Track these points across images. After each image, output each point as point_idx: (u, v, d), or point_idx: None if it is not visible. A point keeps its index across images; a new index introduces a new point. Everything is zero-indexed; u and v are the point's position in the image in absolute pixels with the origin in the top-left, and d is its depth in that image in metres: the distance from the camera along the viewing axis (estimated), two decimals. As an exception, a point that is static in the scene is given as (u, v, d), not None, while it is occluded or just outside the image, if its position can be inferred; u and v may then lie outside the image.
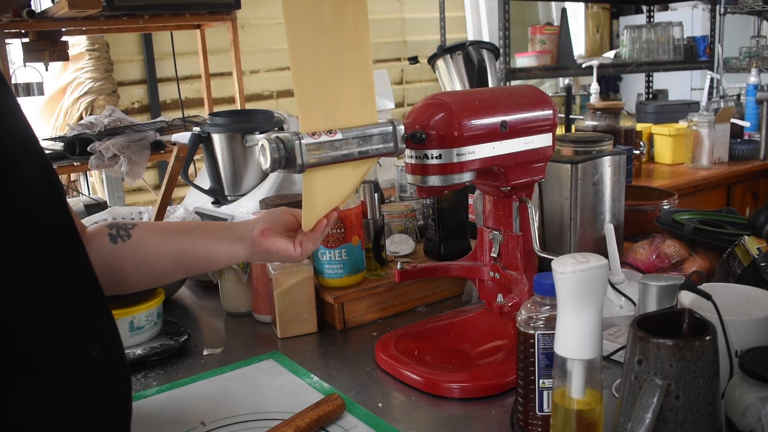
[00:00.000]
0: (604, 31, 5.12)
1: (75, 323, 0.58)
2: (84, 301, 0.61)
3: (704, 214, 1.30)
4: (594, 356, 0.63)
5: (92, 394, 0.59)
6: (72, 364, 0.57)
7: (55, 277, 0.58)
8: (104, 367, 0.61)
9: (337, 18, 0.77)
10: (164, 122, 2.33)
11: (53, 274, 0.58)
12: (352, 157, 0.81)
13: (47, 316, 0.56)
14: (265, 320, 1.14)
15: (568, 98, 2.53)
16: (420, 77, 4.37)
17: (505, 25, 2.85)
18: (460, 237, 1.27)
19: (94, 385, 0.59)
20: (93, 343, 0.60)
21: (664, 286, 0.73)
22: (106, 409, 0.61)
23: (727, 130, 2.55)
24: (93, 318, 0.61)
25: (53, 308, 0.57)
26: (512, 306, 0.88)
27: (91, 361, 0.60)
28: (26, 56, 2.38)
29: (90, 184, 2.95)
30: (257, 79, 3.75)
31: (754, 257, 0.98)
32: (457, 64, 2.00)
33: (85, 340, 0.59)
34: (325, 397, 0.81)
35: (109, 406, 0.61)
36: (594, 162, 1.16)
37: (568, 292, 0.62)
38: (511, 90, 0.99)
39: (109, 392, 0.62)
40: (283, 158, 0.77)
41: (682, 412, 0.58)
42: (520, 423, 0.75)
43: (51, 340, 0.56)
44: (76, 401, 0.57)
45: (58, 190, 0.62)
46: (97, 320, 0.62)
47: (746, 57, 3.56)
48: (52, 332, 0.56)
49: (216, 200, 1.51)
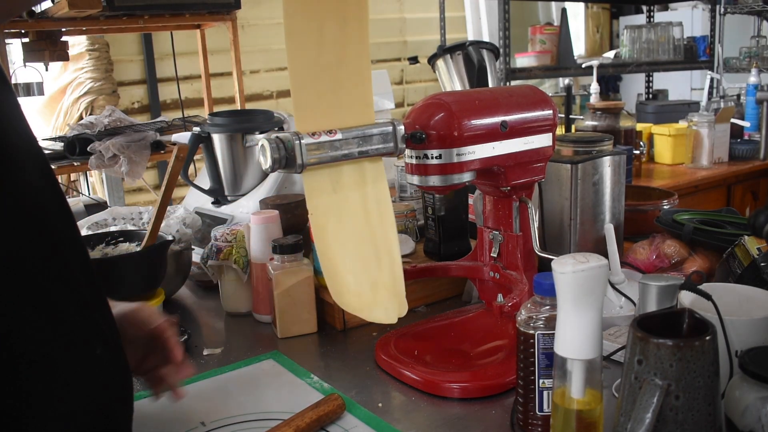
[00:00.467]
0: (604, 31, 5.12)
1: (79, 323, 0.59)
2: (87, 301, 0.61)
3: (704, 214, 1.30)
4: (594, 356, 0.63)
5: (94, 394, 0.59)
6: (75, 364, 0.57)
7: (61, 278, 0.58)
8: (106, 366, 0.61)
9: (338, 19, 0.77)
10: (164, 122, 2.33)
11: (59, 274, 0.58)
12: (352, 157, 0.81)
13: (52, 317, 0.56)
14: (265, 320, 1.14)
15: (568, 98, 2.53)
16: (420, 77, 4.37)
17: (505, 25, 2.85)
18: (460, 237, 1.27)
19: (96, 385, 0.59)
20: (96, 343, 0.60)
21: (664, 286, 0.73)
22: (107, 409, 0.61)
23: (727, 130, 2.55)
24: (96, 318, 0.61)
25: (57, 309, 0.57)
26: (512, 306, 0.88)
27: (93, 361, 0.60)
28: (26, 56, 2.38)
29: (90, 184, 2.96)
30: (257, 79, 3.75)
31: (754, 257, 0.98)
32: (457, 64, 2.00)
33: (89, 340, 0.60)
34: (325, 397, 0.81)
35: (110, 405, 0.61)
36: (594, 162, 1.16)
37: (568, 292, 0.62)
38: (511, 90, 0.99)
39: (110, 392, 0.62)
40: (283, 158, 0.77)
41: (682, 412, 0.58)
42: (520, 423, 0.75)
43: (54, 341, 0.56)
44: (78, 401, 0.57)
45: (59, 191, 0.62)
46: (100, 320, 0.62)
47: (746, 57, 3.56)
48: (56, 333, 0.56)
49: (216, 200, 1.51)
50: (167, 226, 1.26)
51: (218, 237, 1.18)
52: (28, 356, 0.54)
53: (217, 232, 1.19)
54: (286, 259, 1.06)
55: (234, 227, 1.19)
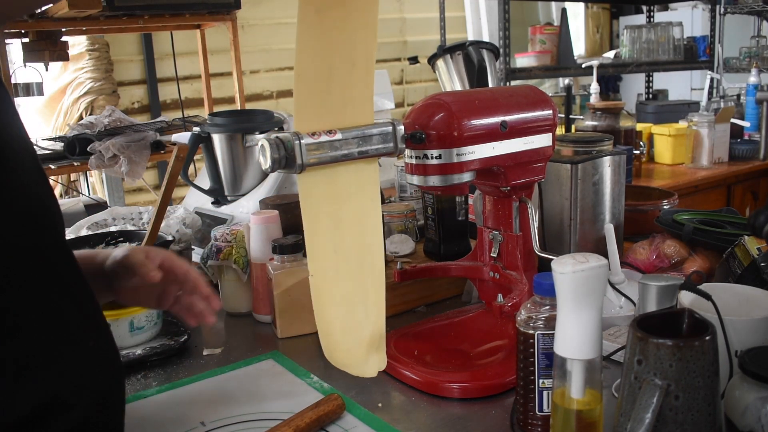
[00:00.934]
0: (604, 31, 5.12)
1: (74, 317, 0.59)
2: (77, 294, 0.61)
3: (704, 214, 1.30)
4: (594, 356, 0.63)
5: (88, 384, 0.60)
6: (71, 357, 0.58)
7: (55, 275, 0.59)
8: (99, 358, 0.62)
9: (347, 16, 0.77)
10: (164, 122, 2.33)
11: (53, 271, 0.59)
12: (352, 157, 0.81)
13: (50, 312, 0.57)
14: (265, 320, 1.14)
15: (568, 98, 2.53)
16: (420, 77, 4.37)
17: (505, 25, 2.85)
18: (460, 237, 1.27)
19: (91, 376, 0.60)
20: (89, 336, 0.61)
21: (664, 286, 0.73)
22: (99, 399, 0.61)
23: (727, 130, 2.55)
24: (88, 310, 0.62)
25: (54, 304, 0.57)
26: (512, 306, 0.88)
27: (87, 353, 0.60)
28: (26, 56, 2.38)
29: (90, 184, 2.95)
30: (257, 79, 3.75)
31: (754, 257, 0.98)
32: (457, 64, 2.00)
33: (83, 332, 0.60)
34: (325, 397, 0.81)
35: (102, 396, 0.62)
36: (594, 162, 1.16)
37: (568, 292, 0.62)
38: (511, 90, 0.99)
39: (104, 383, 0.62)
40: (283, 158, 0.77)
41: (681, 412, 0.58)
42: (520, 423, 0.75)
43: (53, 335, 0.56)
44: (73, 392, 0.58)
45: (51, 193, 0.63)
46: (92, 312, 0.63)
47: (746, 57, 3.56)
48: (55, 328, 0.57)
49: (216, 200, 1.51)
50: (167, 226, 1.26)
51: (218, 237, 1.18)
52: (32, 352, 0.54)
53: (216, 232, 1.19)
54: (286, 259, 1.06)
55: (234, 227, 1.19)
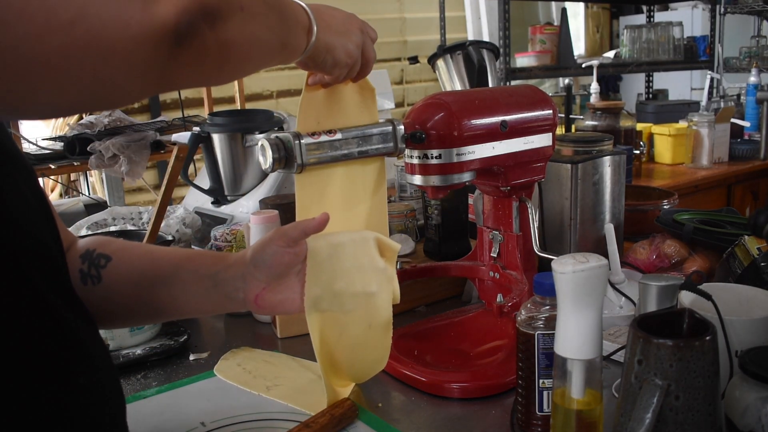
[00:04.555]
0: (604, 31, 5.12)
1: (71, 319, 0.59)
2: (71, 299, 0.61)
3: (704, 214, 1.30)
4: (594, 356, 0.63)
5: (89, 387, 0.60)
6: (70, 361, 0.58)
7: (54, 281, 0.59)
8: (95, 360, 0.62)
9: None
10: (164, 122, 2.33)
11: (52, 277, 0.58)
12: (352, 157, 0.81)
13: (50, 320, 0.56)
14: (265, 320, 1.14)
15: (568, 98, 2.53)
16: (420, 77, 4.37)
17: (505, 25, 2.85)
18: (460, 237, 1.27)
19: (90, 379, 0.60)
20: (87, 340, 0.61)
21: (664, 286, 0.73)
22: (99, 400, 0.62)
23: (727, 130, 2.55)
24: (84, 313, 0.62)
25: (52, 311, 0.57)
26: (512, 306, 0.88)
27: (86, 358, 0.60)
28: (26, 56, 2.37)
29: (90, 184, 2.95)
30: (257, 79, 3.75)
31: (754, 257, 0.98)
32: (457, 64, 2.00)
33: (81, 337, 0.60)
34: (339, 401, 0.81)
35: (102, 396, 0.62)
36: (594, 162, 1.16)
37: (568, 292, 0.62)
38: (511, 90, 0.99)
39: (101, 384, 0.62)
40: (283, 158, 0.77)
41: (682, 412, 0.58)
42: (520, 423, 0.75)
43: (57, 344, 0.56)
44: (73, 396, 0.58)
45: (46, 200, 0.62)
46: (87, 315, 0.63)
47: (746, 57, 3.56)
48: (58, 337, 0.57)
49: (216, 200, 1.51)
50: (167, 225, 1.26)
51: (218, 237, 1.17)
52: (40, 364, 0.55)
53: (216, 232, 1.19)
54: (286, 259, 1.05)
55: (234, 227, 1.19)
